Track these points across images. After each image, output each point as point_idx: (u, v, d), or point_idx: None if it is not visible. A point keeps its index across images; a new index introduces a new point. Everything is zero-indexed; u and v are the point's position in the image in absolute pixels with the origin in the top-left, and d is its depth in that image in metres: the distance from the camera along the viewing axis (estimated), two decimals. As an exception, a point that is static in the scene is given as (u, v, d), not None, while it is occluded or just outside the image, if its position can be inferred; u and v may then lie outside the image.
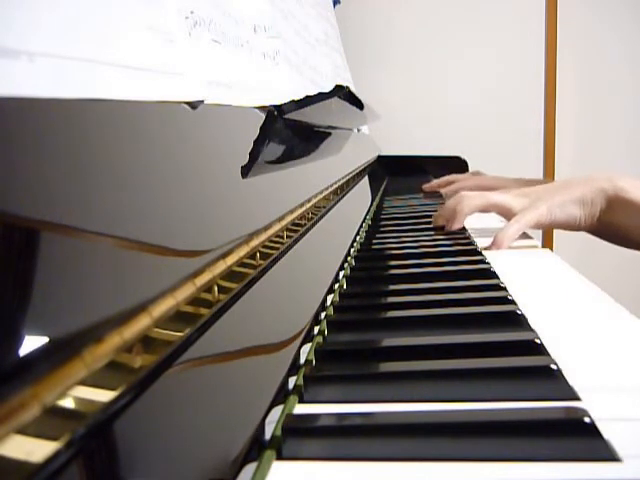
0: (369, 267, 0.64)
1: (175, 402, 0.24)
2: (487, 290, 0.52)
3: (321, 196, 0.66)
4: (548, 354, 0.37)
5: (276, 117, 0.58)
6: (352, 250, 0.72)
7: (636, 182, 0.70)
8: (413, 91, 1.98)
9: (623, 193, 0.69)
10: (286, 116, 0.60)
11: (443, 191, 1.30)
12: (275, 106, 0.58)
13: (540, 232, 1.85)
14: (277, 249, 0.44)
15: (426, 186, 1.35)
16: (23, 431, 0.15)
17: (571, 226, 0.74)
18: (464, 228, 0.82)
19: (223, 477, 0.23)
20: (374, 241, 0.79)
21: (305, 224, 0.56)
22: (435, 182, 1.34)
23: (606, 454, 0.27)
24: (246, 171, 0.44)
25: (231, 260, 0.33)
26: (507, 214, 0.77)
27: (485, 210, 0.79)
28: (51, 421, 0.16)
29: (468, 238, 0.76)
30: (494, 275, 0.57)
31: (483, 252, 0.66)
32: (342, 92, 0.66)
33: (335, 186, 0.78)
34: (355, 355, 0.40)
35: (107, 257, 0.22)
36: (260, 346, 0.35)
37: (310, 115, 0.69)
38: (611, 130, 1.94)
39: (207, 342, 0.28)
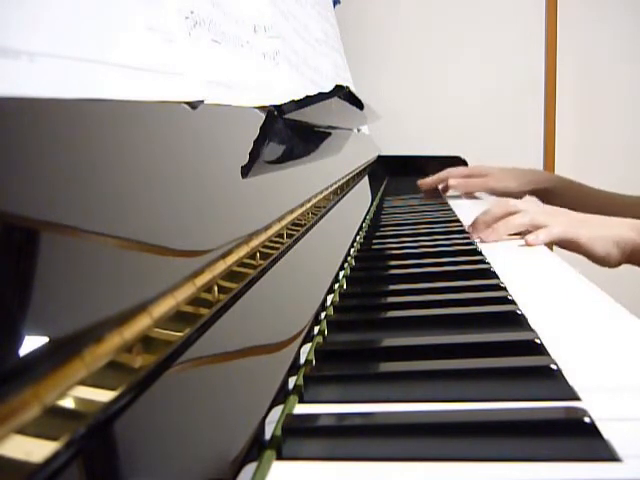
0: (369, 267, 0.64)
1: (175, 402, 0.24)
2: (487, 290, 0.52)
3: (321, 196, 0.66)
4: (548, 354, 0.37)
5: (276, 117, 0.58)
6: (352, 250, 0.72)
7: None
8: (413, 91, 1.98)
9: None
10: (286, 116, 0.60)
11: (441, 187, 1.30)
12: (275, 106, 0.58)
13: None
14: (277, 249, 0.44)
15: (422, 183, 1.32)
16: (23, 431, 0.15)
17: (601, 262, 0.75)
18: (463, 229, 0.82)
19: (223, 477, 0.23)
20: (374, 241, 0.79)
21: (305, 224, 0.56)
22: (430, 179, 1.33)
23: (606, 454, 0.27)
24: (246, 171, 0.44)
25: (231, 260, 0.33)
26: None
27: (527, 229, 0.78)
28: (51, 421, 0.16)
29: (468, 238, 0.76)
30: (494, 275, 0.57)
31: (483, 252, 0.67)
32: (342, 92, 0.66)
33: (335, 186, 0.78)
34: (355, 355, 0.40)
35: (107, 257, 0.22)
36: (260, 346, 0.35)
37: (310, 115, 0.69)
38: (611, 130, 1.93)
39: (207, 342, 0.28)
